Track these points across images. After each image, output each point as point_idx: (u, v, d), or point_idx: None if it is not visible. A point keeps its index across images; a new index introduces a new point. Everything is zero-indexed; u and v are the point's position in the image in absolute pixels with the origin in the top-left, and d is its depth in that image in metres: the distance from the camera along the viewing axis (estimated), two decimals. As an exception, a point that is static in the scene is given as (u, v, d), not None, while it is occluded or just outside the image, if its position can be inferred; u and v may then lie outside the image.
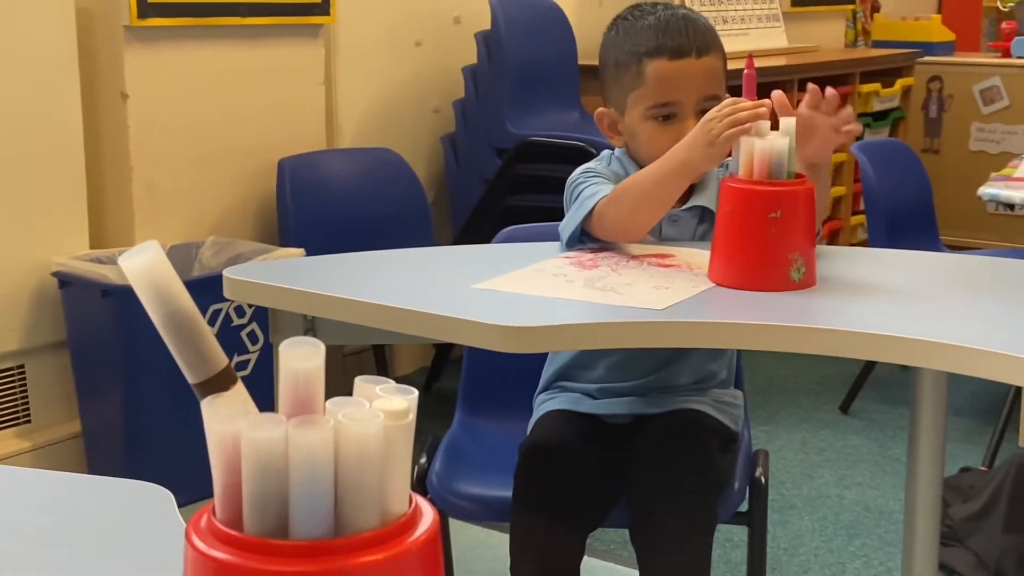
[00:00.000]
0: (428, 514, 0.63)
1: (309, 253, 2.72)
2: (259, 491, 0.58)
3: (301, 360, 0.59)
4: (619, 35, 1.82)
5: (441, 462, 1.90)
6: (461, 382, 2.11)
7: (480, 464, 1.94)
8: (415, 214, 3.38)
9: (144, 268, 0.61)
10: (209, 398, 0.61)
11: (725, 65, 1.83)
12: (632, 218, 1.72)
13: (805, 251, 1.55)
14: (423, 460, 1.90)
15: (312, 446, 0.57)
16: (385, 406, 0.60)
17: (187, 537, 0.61)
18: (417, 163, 3.51)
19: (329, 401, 0.60)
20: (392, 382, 0.63)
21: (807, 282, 1.56)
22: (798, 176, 1.57)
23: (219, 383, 0.61)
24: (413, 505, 0.62)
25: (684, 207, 1.81)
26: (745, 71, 1.67)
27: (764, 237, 1.53)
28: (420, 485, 1.87)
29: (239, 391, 0.62)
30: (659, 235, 1.81)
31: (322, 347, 0.60)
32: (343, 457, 0.58)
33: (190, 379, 0.62)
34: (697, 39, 1.78)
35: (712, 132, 1.60)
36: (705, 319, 1.44)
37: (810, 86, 1.71)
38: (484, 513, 1.89)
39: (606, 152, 1.89)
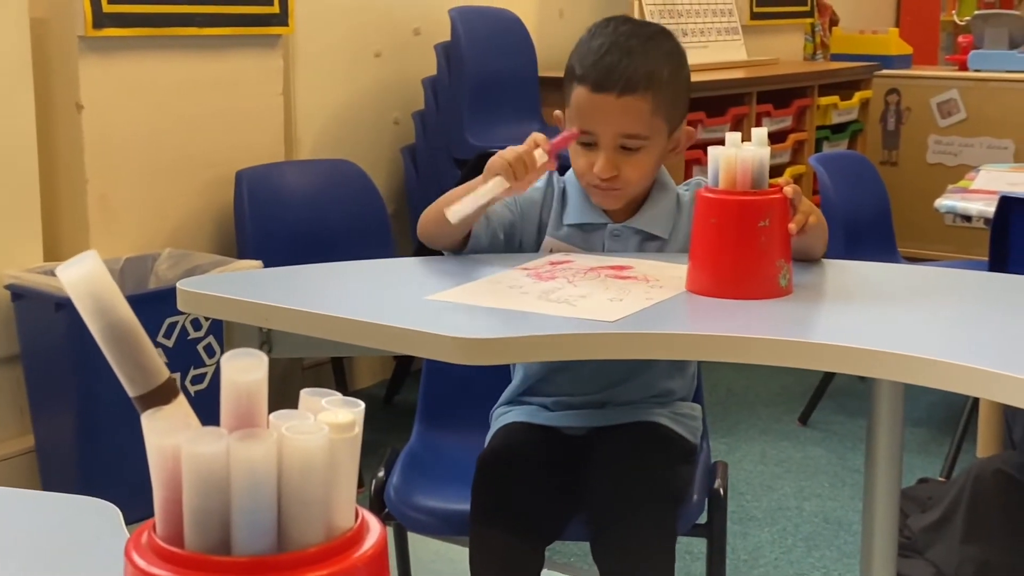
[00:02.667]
0: (375, 529, 0.62)
1: (267, 265, 2.70)
2: (200, 506, 0.57)
3: (243, 372, 0.58)
4: (577, 45, 1.80)
5: (399, 475, 1.88)
6: (420, 395, 2.09)
7: (439, 477, 1.92)
8: (375, 226, 3.36)
9: (82, 279, 0.60)
10: (149, 411, 0.60)
11: (672, 103, 1.75)
12: (430, 231, 1.76)
13: (788, 258, 1.58)
14: (381, 473, 1.89)
15: (254, 460, 0.56)
16: (330, 419, 0.59)
17: (127, 554, 0.59)
18: (377, 174, 3.50)
19: (273, 414, 0.59)
20: (339, 395, 0.62)
21: (790, 288, 1.58)
22: (772, 185, 1.58)
23: (160, 396, 0.60)
24: (359, 519, 0.61)
25: (624, 224, 1.81)
26: (564, 134, 1.70)
27: (756, 246, 1.55)
28: (378, 498, 1.85)
29: (180, 404, 0.60)
30: (603, 249, 1.81)
31: (265, 359, 0.58)
32: (286, 471, 0.57)
33: (130, 392, 0.60)
34: (627, 76, 1.69)
35: (492, 166, 1.65)
36: (655, 331, 1.44)
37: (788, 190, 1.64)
38: (443, 527, 1.88)
39: (549, 172, 1.87)
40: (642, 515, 1.66)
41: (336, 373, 3.33)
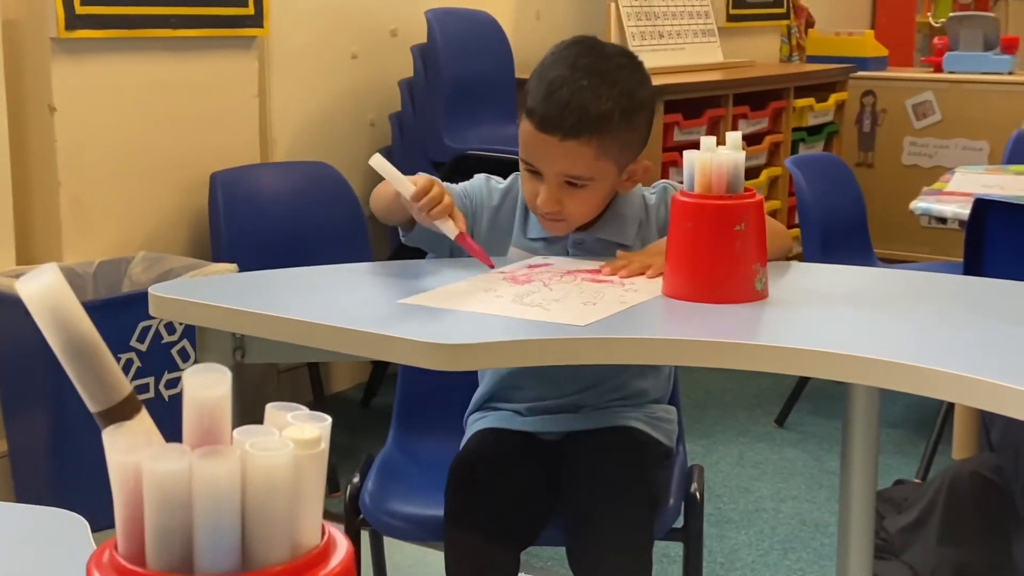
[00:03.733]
0: (342, 545, 0.61)
1: (242, 269, 2.68)
2: (162, 525, 0.56)
3: (206, 388, 0.57)
4: (539, 66, 1.74)
5: (374, 481, 1.87)
6: (395, 400, 2.08)
7: (414, 483, 1.91)
8: (351, 229, 3.35)
9: (42, 293, 0.58)
10: (111, 427, 0.58)
11: (622, 143, 1.69)
12: (377, 209, 1.83)
13: (764, 262, 1.58)
14: (356, 479, 1.88)
15: (217, 478, 0.55)
16: (296, 435, 0.58)
17: (88, 572, 0.58)
18: (353, 177, 3.48)
19: (237, 430, 0.58)
20: (305, 409, 0.61)
21: (766, 292, 1.58)
22: (747, 189, 1.58)
23: (121, 412, 0.59)
24: (326, 537, 0.60)
25: (588, 232, 1.79)
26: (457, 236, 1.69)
27: (732, 250, 1.54)
28: (353, 504, 1.84)
29: (142, 419, 0.59)
30: (567, 256, 1.80)
31: (228, 375, 0.57)
32: (250, 488, 0.56)
33: (91, 407, 0.59)
34: (570, 120, 1.64)
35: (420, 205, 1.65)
36: (626, 335, 1.43)
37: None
38: (418, 532, 1.87)
39: (515, 175, 1.86)
40: (618, 520, 1.65)
41: (312, 377, 3.31)
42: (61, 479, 2.62)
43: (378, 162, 1.68)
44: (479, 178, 1.85)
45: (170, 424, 0.64)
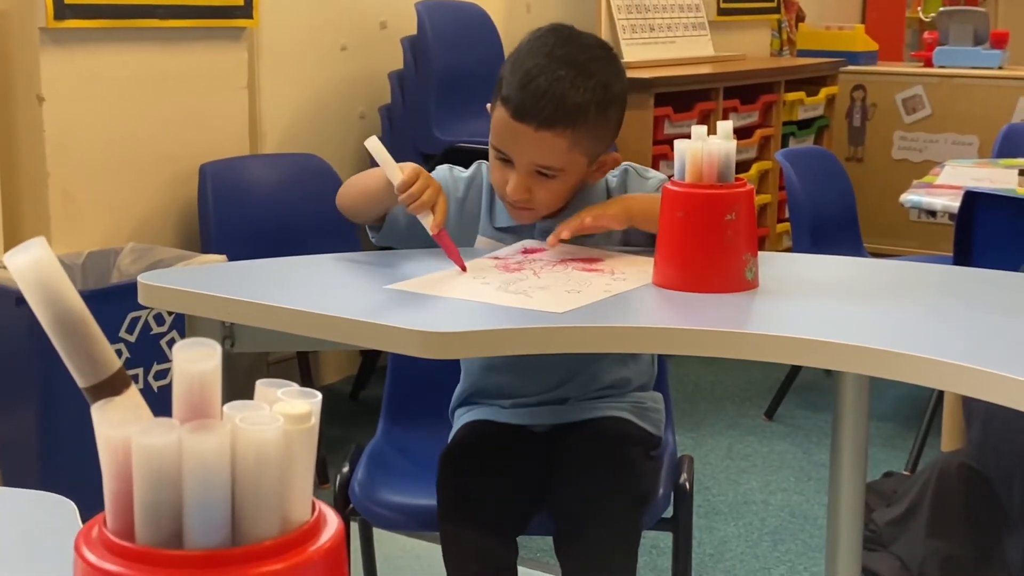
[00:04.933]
0: (332, 522, 0.60)
1: (232, 260, 2.67)
2: (151, 499, 0.56)
3: (196, 362, 0.56)
4: (514, 53, 1.73)
5: (364, 471, 1.87)
6: (385, 391, 2.08)
7: (404, 473, 1.91)
8: (341, 220, 3.32)
9: (30, 266, 0.58)
10: (100, 402, 0.58)
11: (595, 136, 1.69)
12: (346, 203, 1.82)
13: (755, 252, 1.58)
14: (346, 469, 1.88)
15: (206, 452, 0.55)
16: (286, 410, 0.58)
17: (76, 548, 0.58)
18: (343, 169, 3.47)
19: (227, 405, 0.57)
20: (295, 385, 0.61)
21: (756, 282, 1.58)
22: (737, 179, 1.58)
23: (110, 387, 0.59)
24: (316, 512, 0.60)
25: (555, 219, 1.76)
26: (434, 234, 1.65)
27: (722, 239, 1.54)
28: (343, 494, 1.84)
29: (132, 395, 0.59)
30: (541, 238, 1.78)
31: (218, 348, 0.57)
32: (240, 463, 0.56)
33: (80, 383, 0.59)
34: (546, 111, 1.63)
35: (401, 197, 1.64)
36: (604, 324, 1.43)
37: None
38: (408, 522, 1.87)
39: (479, 163, 1.85)
40: (606, 512, 1.65)
41: (302, 368, 3.30)
42: (50, 466, 2.61)
43: (374, 145, 1.67)
44: (442, 170, 1.82)
45: (160, 415, 0.64)
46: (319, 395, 0.60)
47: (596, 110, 1.67)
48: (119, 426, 0.56)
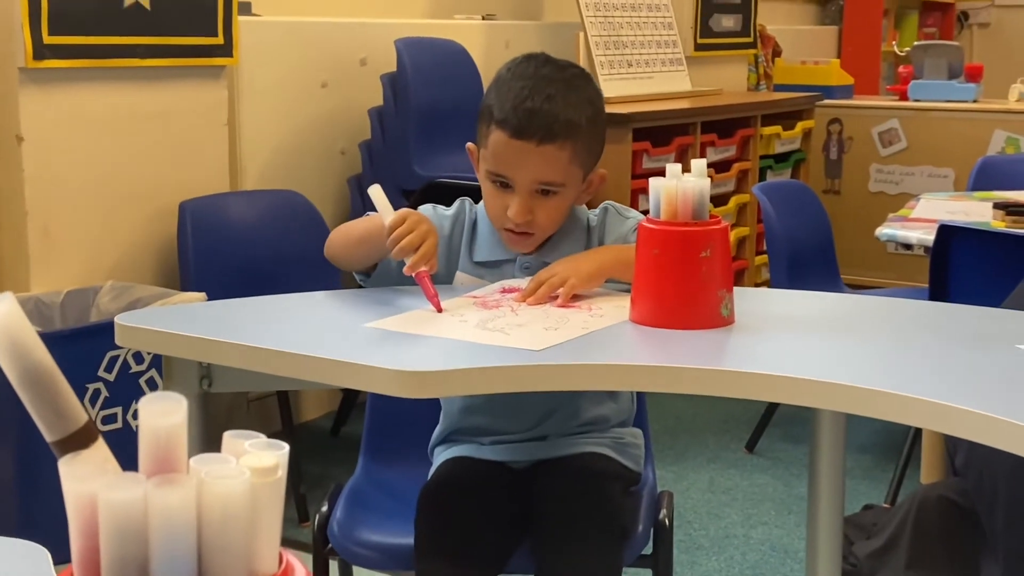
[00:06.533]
0: (299, 573, 0.61)
1: (212, 298, 2.67)
2: (117, 554, 0.56)
3: (161, 416, 0.57)
4: (495, 83, 1.77)
5: (343, 510, 1.87)
6: (364, 428, 2.08)
7: (383, 511, 1.91)
8: (321, 257, 3.32)
9: (-2, 321, 0.58)
10: (67, 457, 0.58)
11: (588, 150, 1.74)
12: (337, 252, 1.81)
13: (730, 288, 1.59)
14: (324, 508, 1.87)
15: (172, 507, 0.55)
16: (253, 463, 0.58)
17: (44, 603, 0.58)
18: (324, 205, 3.48)
19: (193, 459, 0.58)
20: (263, 436, 0.61)
21: (732, 318, 1.59)
22: (712, 216, 1.59)
23: (78, 441, 0.59)
24: (284, 564, 0.60)
25: (535, 256, 1.78)
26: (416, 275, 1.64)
27: (698, 276, 1.56)
28: (321, 533, 1.84)
29: (99, 448, 0.59)
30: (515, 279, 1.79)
31: (184, 402, 0.57)
32: (206, 517, 0.56)
33: (47, 437, 0.59)
34: (546, 125, 1.68)
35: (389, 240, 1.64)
36: (581, 361, 1.43)
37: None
38: (387, 561, 1.86)
39: (462, 199, 1.86)
40: (586, 548, 1.65)
41: (282, 405, 3.29)
42: (27, 511, 2.59)
43: (376, 193, 1.69)
44: (426, 209, 1.83)
45: (138, 454, 0.64)
46: (286, 447, 0.60)
47: (588, 123, 1.73)
48: (85, 480, 0.56)
